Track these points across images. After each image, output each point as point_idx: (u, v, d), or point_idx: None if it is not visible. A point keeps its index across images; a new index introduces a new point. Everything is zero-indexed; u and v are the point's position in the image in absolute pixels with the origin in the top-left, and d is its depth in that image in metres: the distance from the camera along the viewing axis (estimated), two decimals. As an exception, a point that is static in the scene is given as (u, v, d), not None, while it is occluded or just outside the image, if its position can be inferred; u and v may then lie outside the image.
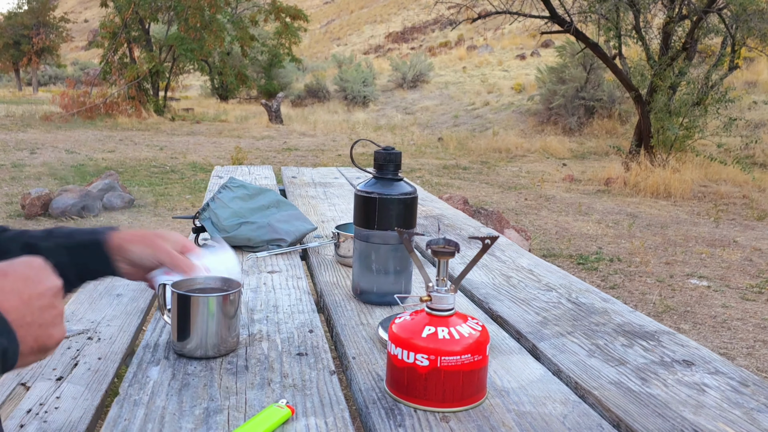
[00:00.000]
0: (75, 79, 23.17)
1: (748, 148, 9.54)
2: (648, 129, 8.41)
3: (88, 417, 1.16)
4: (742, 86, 12.44)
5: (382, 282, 1.26)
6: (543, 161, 10.25)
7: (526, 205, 6.62)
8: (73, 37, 36.51)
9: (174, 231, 0.97)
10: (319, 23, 49.65)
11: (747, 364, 2.88)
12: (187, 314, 0.99)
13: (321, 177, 2.98)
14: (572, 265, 4.39)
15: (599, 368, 1.00)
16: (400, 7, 44.47)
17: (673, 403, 0.89)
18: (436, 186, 7.53)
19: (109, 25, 16.71)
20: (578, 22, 8.59)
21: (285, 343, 1.07)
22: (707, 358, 1.05)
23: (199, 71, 20.99)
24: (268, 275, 1.46)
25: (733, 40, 8.03)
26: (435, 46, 29.88)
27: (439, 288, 0.87)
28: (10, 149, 9.51)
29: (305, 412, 0.84)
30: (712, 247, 4.97)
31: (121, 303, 1.80)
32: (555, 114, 13.75)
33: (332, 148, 11.14)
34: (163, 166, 8.54)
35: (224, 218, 1.65)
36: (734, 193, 7.40)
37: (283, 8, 19.28)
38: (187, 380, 0.93)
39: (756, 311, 3.57)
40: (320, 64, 26.33)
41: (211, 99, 23.52)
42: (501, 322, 1.23)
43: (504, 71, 20.69)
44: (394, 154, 1.23)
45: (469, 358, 0.84)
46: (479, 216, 4.61)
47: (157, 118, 15.70)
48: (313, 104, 20.15)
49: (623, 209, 6.50)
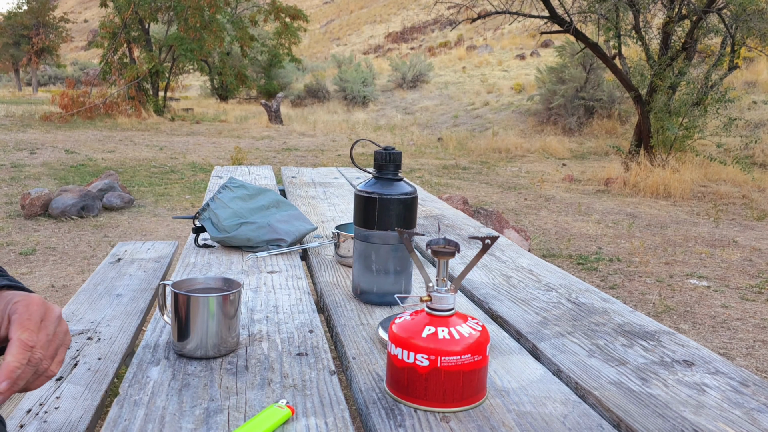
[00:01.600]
0: (75, 79, 23.18)
1: (747, 148, 9.55)
2: (648, 129, 8.41)
3: (88, 417, 1.16)
4: (741, 86, 12.45)
5: (382, 282, 1.26)
6: (543, 161, 10.25)
7: (526, 205, 6.62)
8: (72, 37, 36.51)
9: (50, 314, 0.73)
10: (318, 23, 49.65)
11: (747, 364, 2.89)
12: (187, 314, 0.99)
13: (321, 177, 2.98)
14: (572, 265, 4.39)
15: (599, 368, 1.00)
16: (399, 7, 44.47)
17: (673, 403, 0.89)
18: (435, 186, 7.53)
19: (108, 25, 16.71)
20: (578, 22, 8.59)
21: (285, 343, 1.07)
22: (707, 358, 1.05)
23: (198, 71, 20.98)
24: (268, 275, 1.46)
25: (733, 40, 8.03)
26: (435, 46, 29.89)
27: (439, 288, 0.87)
28: (10, 149, 9.51)
29: (305, 412, 0.84)
30: (711, 247, 4.97)
31: (121, 303, 1.80)
32: (555, 114, 13.75)
33: (332, 148, 11.14)
34: (163, 166, 8.54)
35: (224, 218, 1.65)
36: (734, 193, 7.40)
37: (282, 8, 19.28)
38: (187, 380, 0.93)
39: (756, 311, 3.58)
40: (320, 64, 26.33)
41: (210, 99, 23.52)
42: (501, 322, 1.23)
43: (504, 71, 20.69)
44: (394, 154, 1.23)
45: (469, 358, 0.84)
46: (479, 216, 4.61)
47: (156, 118, 15.69)
48: (313, 104, 20.15)
49: (623, 209, 6.50)
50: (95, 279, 2.04)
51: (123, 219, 5.43)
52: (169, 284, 1.04)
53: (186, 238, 4.18)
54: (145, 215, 5.60)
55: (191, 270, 1.48)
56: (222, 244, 1.67)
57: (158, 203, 6.11)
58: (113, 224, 5.23)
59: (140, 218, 5.48)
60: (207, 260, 1.56)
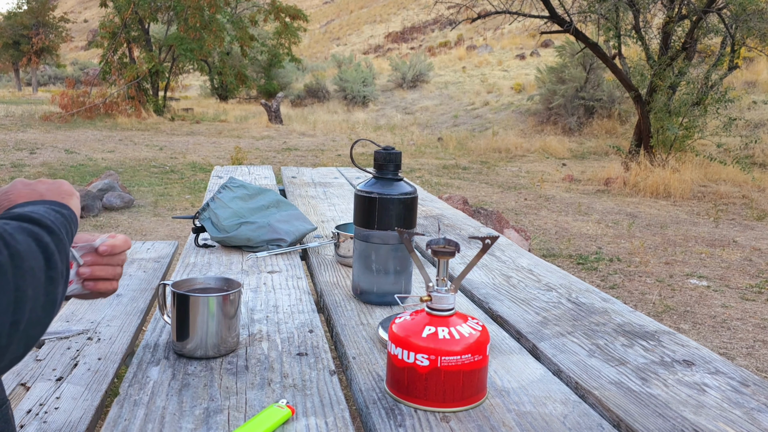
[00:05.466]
0: (74, 79, 23.16)
1: (747, 148, 9.54)
2: (648, 129, 8.41)
3: (88, 417, 1.16)
4: (741, 86, 12.45)
5: (382, 282, 1.26)
6: (543, 161, 10.25)
7: (526, 205, 6.62)
8: (72, 37, 36.51)
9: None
10: (318, 23, 49.65)
11: (747, 364, 2.89)
12: (187, 314, 0.99)
13: (321, 177, 2.98)
14: (572, 265, 4.39)
15: (599, 368, 1.00)
16: (399, 7, 44.47)
17: (673, 403, 0.89)
18: (435, 186, 7.53)
19: (108, 25, 16.71)
20: (578, 22, 8.58)
21: (285, 343, 1.07)
22: (707, 358, 1.05)
23: (198, 71, 20.99)
24: (268, 275, 1.46)
25: (733, 40, 8.03)
26: (434, 46, 29.89)
27: (439, 288, 0.87)
28: (10, 149, 9.51)
29: (305, 412, 0.84)
30: (711, 247, 4.97)
31: (121, 303, 1.80)
32: (555, 114, 13.75)
33: (332, 148, 11.14)
34: (163, 166, 8.54)
35: (224, 218, 1.65)
36: (734, 193, 7.40)
37: (282, 8, 19.27)
38: (187, 380, 0.93)
39: (756, 311, 3.58)
40: (320, 64, 26.32)
41: (210, 99, 23.52)
42: (501, 322, 1.23)
43: (504, 71, 20.69)
44: (394, 154, 1.23)
45: (469, 358, 0.84)
46: (479, 216, 4.61)
47: (156, 118, 15.69)
48: (313, 104, 20.15)
49: (623, 209, 6.50)
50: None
51: (123, 219, 5.43)
52: (169, 284, 1.04)
53: (186, 238, 4.18)
54: (144, 215, 5.60)
55: (191, 270, 1.48)
56: (222, 244, 1.67)
57: (158, 203, 6.11)
58: (113, 224, 5.23)
59: (140, 218, 5.48)
60: (207, 260, 1.56)
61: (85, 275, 0.85)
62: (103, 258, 0.86)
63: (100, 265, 0.86)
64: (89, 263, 0.85)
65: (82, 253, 0.85)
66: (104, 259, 0.86)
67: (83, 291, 0.86)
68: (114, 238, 0.87)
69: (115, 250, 0.86)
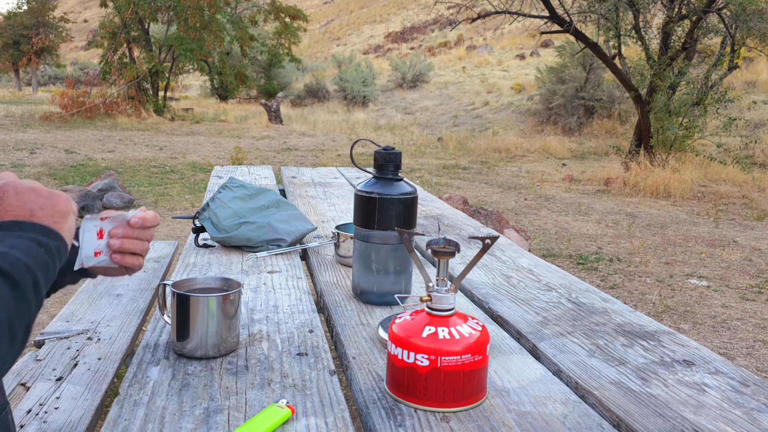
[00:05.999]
0: (74, 79, 23.15)
1: (747, 148, 9.54)
2: (648, 129, 8.41)
3: (88, 417, 1.16)
4: (741, 86, 12.44)
5: (382, 282, 1.26)
6: (543, 161, 10.25)
7: (526, 205, 6.62)
8: (72, 37, 36.50)
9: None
10: (318, 23, 49.64)
11: (747, 364, 2.89)
12: (187, 314, 0.99)
13: (321, 177, 2.98)
14: (572, 265, 4.39)
15: (599, 368, 1.00)
16: (399, 7, 44.47)
17: (673, 403, 0.89)
18: (435, 186, 7.53)
19: (108, 25, 16.71)
20: (578, 22, 8.58)
21: (285, 343, 1.07)
22: (707, 358, 1.05)
23: (198, 71, 20.98)
24: (268, 275, 1.46)
25: (733, 40, 8.03)
26: (434, 46, 29.88)
27: (439, 288, 0.87)
28: (10, 149, 9.51)
29: (305, 412, 0.84)
30: (711, 247, 4.97)
31: (121, 303, 1.80)
32: (555, 114, 13.75)
33: (332, 148, 11.14)
34: (163, 166, 8.54)
35: (224, 218, 1.65)
36: (734, 193, 7.40)
37: (282, 8, 19.27)
38: (187, 380, 0.93)
39: (756, 311, 3.58)
40: (320, 64, 26.32)
41: (210, 99, 23.51)
42: (501, 322, 1.23)
43: (503, 71, 20.69)
44: (394, 154, 1.23)
45: (469, 358, 0.84)
46: (479, 216, 4.61)
47: (156, 118, 15.69)
48: (313, 104, 20.15)
49: (623, 209, 6.50)
50: (95, 279, 2.04)
51: (123, 219, 5.42)
52: (169, 284, 1.04)
53: (186, 238, 4.18)
54: (145, 215, 5.59)
55: (191, 270, 1.48)
56: (222, 244, 1.67)
57: (158, 203, 6.11)
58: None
59: (140, 218, 5.47)
60: (207, 260, 1.56)
61: (115, 247, 0.87)
62: (134, 231, 0.89)
63: (130, 238, 0.88)
64: (120, 236, 0.87)
65: (114, 225, 0.87)
66: (135, 232, 0.89)
67: (111, 264, 0.88)
68: (145, 212, 0.90)
69: (146, 223, 0.89)
